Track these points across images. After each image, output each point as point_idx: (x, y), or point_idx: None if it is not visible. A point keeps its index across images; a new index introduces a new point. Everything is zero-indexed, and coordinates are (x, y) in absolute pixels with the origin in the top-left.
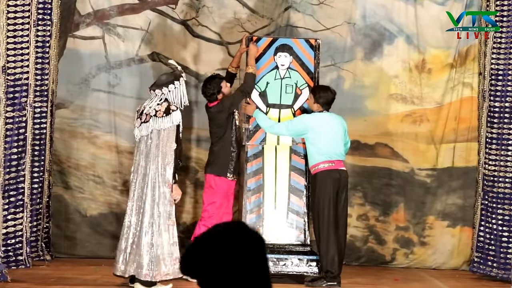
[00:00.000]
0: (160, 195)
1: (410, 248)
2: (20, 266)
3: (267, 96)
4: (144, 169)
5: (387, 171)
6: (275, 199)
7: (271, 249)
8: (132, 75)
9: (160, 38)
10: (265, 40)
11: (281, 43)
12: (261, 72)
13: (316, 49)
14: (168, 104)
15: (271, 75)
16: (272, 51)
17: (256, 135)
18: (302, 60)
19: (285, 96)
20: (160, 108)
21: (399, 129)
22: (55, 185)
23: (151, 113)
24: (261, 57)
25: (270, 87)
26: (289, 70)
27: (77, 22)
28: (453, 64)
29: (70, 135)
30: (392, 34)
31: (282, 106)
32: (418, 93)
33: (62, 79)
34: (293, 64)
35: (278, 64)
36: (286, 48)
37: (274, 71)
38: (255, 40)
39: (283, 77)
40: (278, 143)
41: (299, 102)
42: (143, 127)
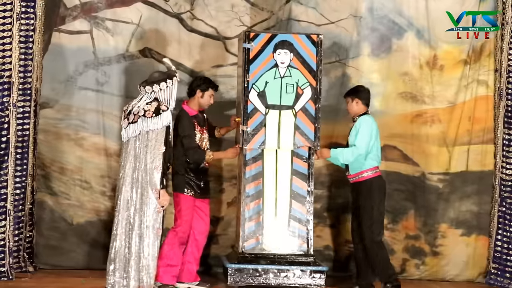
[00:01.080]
0: (148, 202)
1: (421, 258)
2: (2, 278)
3: (266, 96)
4: (132, 173)
5: (396, 176)
6: (275, 205)
7: (271, 259)
8: (122, 73)
9: (152, 33)
10: (264, 36)
11: (280, 39)
12: (259, 70)
13: (318, 45)
14: (158, 104)
15: (270, 74)
16: (271, 48)
17: (255, 138)
18: (303, 57)
19: (285, 96)
20: (149, 107)
21: (408, 130)
22: (39, 190)
23: (140, 113)
24: (260, 54)
25: (269, 87)
26: (289, 68)
27: (63, 15)
28: (467, 60)
29: (55, 136)
30: (401, 28)
31: (283, 107)
32: (429, 91)
33: (46, 77)
34: (293, 61)
35: (278, 62)
36: (286, 45)
37: (274, 69)
38: (253, 36)
39: (283, 75)
40: (279, 146)
41: (301, 102)
42: (131, 128)
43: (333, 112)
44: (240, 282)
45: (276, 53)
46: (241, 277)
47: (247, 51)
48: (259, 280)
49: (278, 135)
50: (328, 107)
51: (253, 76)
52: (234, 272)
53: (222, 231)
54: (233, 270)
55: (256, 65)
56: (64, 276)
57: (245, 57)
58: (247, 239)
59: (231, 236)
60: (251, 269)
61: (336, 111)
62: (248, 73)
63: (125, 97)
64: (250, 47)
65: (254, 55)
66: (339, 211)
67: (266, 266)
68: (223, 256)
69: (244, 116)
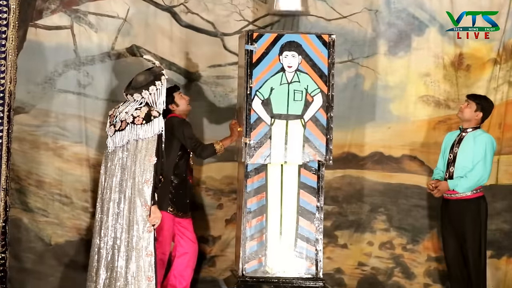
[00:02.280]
0: (138, 220)
1: (446, 283)
2: None
3: (272, 104)
4: (119, 187)
5: (416, 189)
6: (280, 223)
7: (275, 284)
8: (107, 73)
9: (141, 29)
10: (269, 36)
11: (287, 40)
12: (264, 75)
13: (330, 46)
14: (149, 109)
15: (276, 79)
16: (277, 50)
17: (259, 151)
18: (313, 60)
19: (293, 104)
20: (139, 113)
21: (431, 138)
22: (13, 206)
23: (128, 120)
24: (264, 57)
25: (275, 94)
26: (297, 72)
27: (40, 9)
28: (496, 59)
29: (31, 145)
30: (422, 23)
31: (290, 117)
32: (454, 95)
33: (21, 78)
34: (302, 65)
35: (285, 66)
36: (294, 46)
37: (280, 74)
38: (256, 36)
39: (290, 81)
40: (286, 161)
41: (311, 111)
42: (118, 136)
43: (345, 118)
44: None
45: (282, 55)
46: None
47: (249, 53)
48: None
49: (285, 148)
50: (340, 111)
51: (256, 82)
52: None
53: (219, 251)
54: None
55: (260, 69)
56: None
57: (248, 60)
58: (248, 260)
59: (230, 258)
60: None
61: (348, 116)
62: (251, 78)
63: (111, 101)
64: (253, 49)
65: (257, 58)
66: (352, 230)
67: None
68: (221, 280)
69: (247, 127)
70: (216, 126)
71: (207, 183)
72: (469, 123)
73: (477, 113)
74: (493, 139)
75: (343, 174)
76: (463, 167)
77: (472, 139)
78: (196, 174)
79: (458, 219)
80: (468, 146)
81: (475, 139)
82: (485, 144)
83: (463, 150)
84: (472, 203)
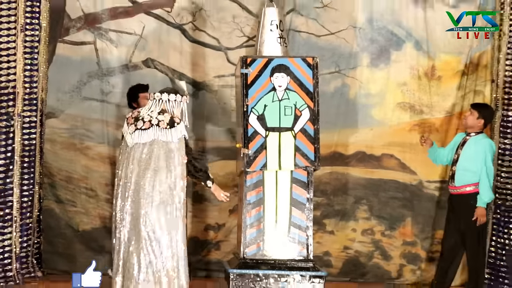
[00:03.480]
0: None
1: (418, 264)
2: (10, 282)
3: (266, 119)
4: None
5: (394, 184)
6: (276, 212)
7: (272, 265)
8: (125, 83)
9: (155, 44)
10: (261, 61)
11: (277, 64)
12: (258, 94)
13: (314, 67)
14: (171, 116)
15: (269, 97)
16: (268, 72)
17: (256, 160)
18: (300, 80)
19: (284, 118)
20: (163, 118)
21: (407, 139)
22: (46, 198)
23: (153, 122)
24: (257, 78)
25: (268, 110)
26: (287, 91)
27: (67, 27)
28: (464, 71)
29: (61, 146)
30: (400, 39)
31: (282, 129)
32: (428, 101)
33: (52, 87)
34: (291, 84)
35: (275, 86)
36: (283, 69)
37: (272, 93)
38: (250, 61)
39: (281, 98)
40: (280, 167)
41: (300, 124)
42: (141, 134)
43: (332, 122)
44: (241, 287)
45: (273, 77)
46: (243, 282)
47: (245, 76)
48: (260, 285)
49: (279, 157)
50: (328, 116)
51: (252, 100)
52: (235, 277)
53: (224, 237)
54: (234, 275)
55: (254, 89)
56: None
57: (244, 81)
58: (248, 245)
59: (233, 242)
60: (252, 274)
61: (335, 120)
62: (247, 97)
63: (129, 107)
64: (247, 72)
65: (252, 80)
66: (338, 218)
67: (267, 271)
68: (225, 261)
69: (245, 139)
70: (219, 128)
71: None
72: (472, 129)
73: (479, 120)
74: (493, 143)
75: (331, 171)
76: (464, 167)
77: (474, 143)
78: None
79: (460, 210)
80: (470, 149)
81: (476, 143)
82: (485, 147)
83: (465, 152)
84: (473, 197)
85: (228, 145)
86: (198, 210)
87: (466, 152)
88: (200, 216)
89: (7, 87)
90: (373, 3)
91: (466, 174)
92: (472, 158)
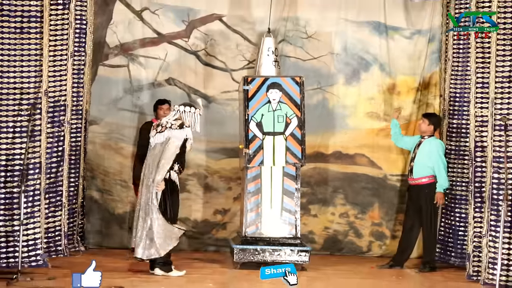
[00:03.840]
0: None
1: (383, 240)
2: (59, 255)
3: (263, 125)
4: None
5: (364, 177)
6: (271, 200)
7: (267, 241)
8: (152, 97)
9: (175, 66)
10: (259, 79)
11: (271, 82)
12: (256, 106)
13: (300, 85)
14: (182, 122)
15: (265, 108)
16: (264, 89)
17: (255, 158)
18: (289, 94)
19: (277, 125)
20: (175, 122)
21: (374, 141)
22: (88, 188)
23: (168, 125)
24: (256, 93)
25: (265, 118)
26: (279, 103)
27: (106, 53)
28: (418, 88)
29: (100, 146)
30: (368, 63)
31: (276, 134)
32: (390, 112)
33: (94, 100)
34: (282, 98)
35: (270, 99)
36: (276, 85)
37: (267, 104)
38: (250, 80)
39: (275, 109)
40: (274, 164)
41: (289, 129)
42: (159, 136)
43: (315, 128)
44: (243, 259)
45: (268, 92)
46: (244, 255)
47: (246, 91)
48: (258, 258)
49: (273, 155)
50: (312, 123)
51: (251, 111)
52: (238, 251)
53: (229, 220)
54: (238, 250)
55: (253, 102)
56: (108, 254)
57: (245, 96)
58: (248, 225)
59: (236, 224)
60: (251, 249)
61: (318, 126)
62: (248, 108)
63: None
64: (248, 89)
65: (251, 94)
66: (320, 204)
67: (263, 246)
68: (230, 239)
69: (246, 141)
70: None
71: (220, 172)
72: (425, 133)
73: (430, 126)
74: (442, 143)
75: (314, 166)
76: (420, 163)
77: (428, 144)
78: (212, 166)
79: (418, 197)
80: (425, 149)
81: (430, 144)
82: (437, 147)
83: (421, 151)
84: (427, 187)
85: (233, 146)
86: (209, 197)
87: (421, 151)
88: (210, 202)
89: (59, 101)
90: (347, 35)
91: (422, 169)
92: (427, 156)
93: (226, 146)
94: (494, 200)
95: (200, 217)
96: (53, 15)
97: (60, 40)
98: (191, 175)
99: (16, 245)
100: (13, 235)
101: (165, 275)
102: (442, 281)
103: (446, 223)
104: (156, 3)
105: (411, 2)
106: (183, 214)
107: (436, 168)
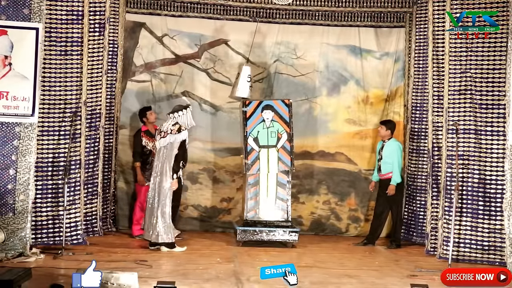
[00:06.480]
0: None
1: (359, 223)
2: (96, 234)
3: (259, 140)
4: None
5: (343, 171)
6: (267, 190)
7: (264, 224)
8: (170, 106)
9: (189, 81)
10: (255, 102)
11: (265, 104)
12: (253, 124)
13: (289, 106)
14: (180, 126)
15: (260, 126)
16: (259, 110)
17: (253, 167)
18: (280, 114)
19: (270, 139)
20: (174, 128)
21: (351, 143)
22: (119, 180)
23: (168, 131)
24: (253, 114)
25: (260, 134)
26: (272, 121)
27: (133, 71)
28: (387, 99)
29: (128, 147)
30: (346, 79)
31: (269, 147)
32: (364, 118)
33: (123, 109)
34: (274, 117)
35: (264, 118)
36: (269, 107)
37: (262, 123)
38: (248, 103)
39: (268, 126)
40: (269, 171)
41: (280, 142)
42: (162, 140)
43: (303, 132)
44: (244, 238)
45: (263, 112)
46: (245, 235)
47: (244, 112)
48: (256, 237)
49: (267, 164)
50: (300, 128)
51: (249, 128)
52: (241, 232)
53: (233, 206)
54: (240, 231)
55: (251, 121)
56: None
57: (244, 116)
58: (249, 211)
59: (239, 209)
60: (251, 230)
61: (305, 130)
62: (246, 126)
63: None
64: (246, 110)
65: (249, 114)
66: (307, 194)
67: (261, 228)
68: (233, 222)
69: (245, 153)
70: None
71: (226, 167)
72: (385, 137)
73: (388, 131)
74: (400, 144)
75: (302, 163)
76: (385, 162)
77: (389, 146)
78: (219, 163)
79: (386, 188)
80: (387, 150)
81: (391, 146)
82: (396, 148)
83: (384, 152)
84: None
85: (236, 146)
86: (216, 188)
87: (385, 152)
88: (217, 192)
89: (96, 109)
90: (329, 56)
91: (387, 166)
92: (389, 155)
93: (231, 146)
94: (447, 190)
95: (209, 204)
96: (91, 40)
97: (96, 60)
98: (201, 170)
99: (61, 227)
100: (58, 218)
101: (169, 251)
102: (406, 256)
103: (409, 209)
104: (174, 30)
105: (380, 30)
106: (196, 202)
107: (393, 166)
